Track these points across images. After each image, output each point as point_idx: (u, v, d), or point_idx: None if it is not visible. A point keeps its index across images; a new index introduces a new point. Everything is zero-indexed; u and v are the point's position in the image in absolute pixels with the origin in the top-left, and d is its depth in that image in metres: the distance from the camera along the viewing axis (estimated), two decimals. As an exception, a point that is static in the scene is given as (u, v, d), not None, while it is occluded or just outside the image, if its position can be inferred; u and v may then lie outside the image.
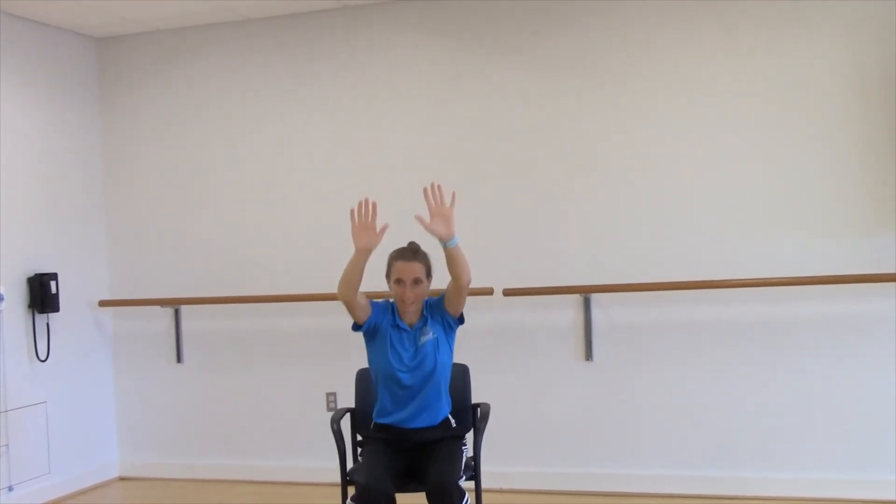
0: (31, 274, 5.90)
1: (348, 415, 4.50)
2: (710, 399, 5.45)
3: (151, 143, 6.50)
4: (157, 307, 6.44)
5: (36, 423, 5.90)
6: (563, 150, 5.68)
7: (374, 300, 4.17)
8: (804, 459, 5.31)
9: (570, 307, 5.68)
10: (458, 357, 4.24)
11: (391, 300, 4.16)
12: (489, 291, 5.61)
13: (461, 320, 4.15)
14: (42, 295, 5.88)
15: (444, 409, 4.13)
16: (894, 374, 5.16)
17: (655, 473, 5.55)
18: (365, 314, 4.06)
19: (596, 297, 5.63)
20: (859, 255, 5.19)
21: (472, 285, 5.59)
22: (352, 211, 3.92)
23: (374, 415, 4.14)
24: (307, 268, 6.14)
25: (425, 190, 3.92)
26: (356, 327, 4.10)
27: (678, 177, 5.49)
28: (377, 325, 4.08)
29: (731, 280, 5.31)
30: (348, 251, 5.79)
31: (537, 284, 5.64)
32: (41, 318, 5.95)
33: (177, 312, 6.43)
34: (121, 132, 6.57)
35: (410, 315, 4.10)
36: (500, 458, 5.58)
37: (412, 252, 4.07)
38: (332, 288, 5.88)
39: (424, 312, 4.10)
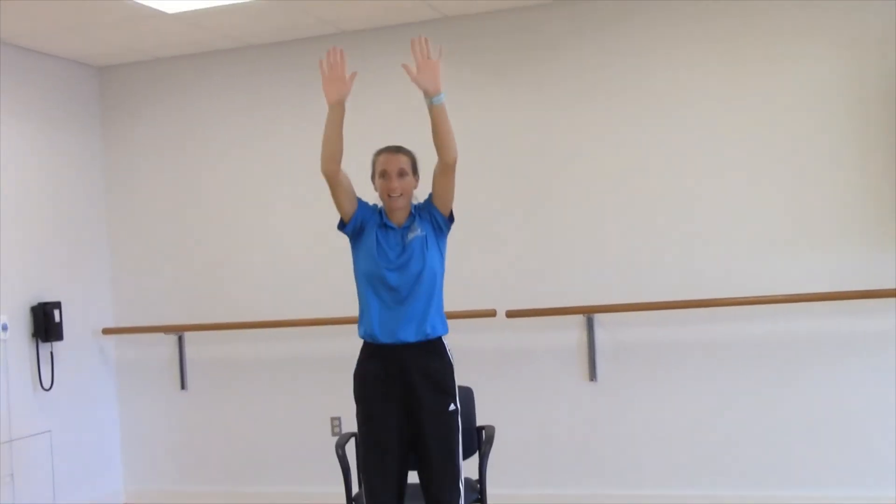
0: (35, 303, 5.91)
1: (353, 439, 4.49)
2: (713, 418, 5.44)
3: (153, 170, 6.53)
4: (161, 334, 6.44)
5: (40, 453, 5.89)
6: (564, 169, 5.69)
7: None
8: (808, 478, 5.29)
9: (573, 328, 5.67)
10: (462, 380, 4.21)
11: (379, 204, 4.01)
12: (492, 313, 5.61)
13: (451, 218, 3.96)
14: (46, 324, 5.88)
15: (436, 326, 3.88)
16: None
17: (660, 494, 5.52)
18: (351, 204, 3.94)
19: (599, 318, 5.62)
20: (862, 272, 5.18)
21: (474, 307, 5.62)
22: (320, 62, 3.80)
23: (360, 332, 3.90)
24: (310, 292, 6.14)
25: (412, 41, 3.83)
26: (342, 225, 3.97)
27: (680, 196, 5.49)
28: (364, 222, 3.93)
29: (733, 298, 5.30)
30: (350, 275, 5.78)
31: (540, 305, 5.63)
32: (45, 347, 5.95)
33: (180, 339, 6.43)
34: (123, 160, 6.59)
35: (398, 214, 3.91)
36: (506, 480, 5.55)
37: (396, 147, 3.98)
38: (335, 312, 5.97)
39: (413, 212, 3.94)
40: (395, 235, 3.88)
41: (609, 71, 5.61)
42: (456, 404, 3.84)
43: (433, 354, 3.85)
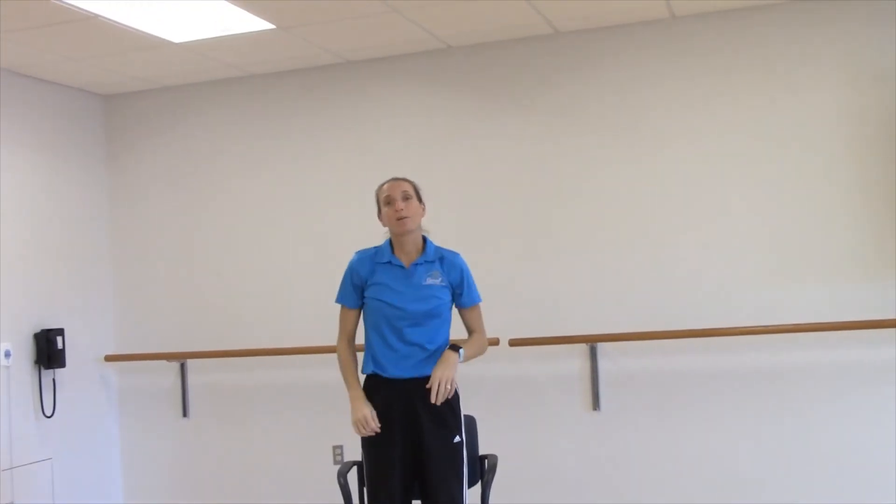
0: (38, 329, 5.91)
1: (355, 468, 4.47)
2: (717, 448, 5.42)
3: (157, 198, 6.55)
4: (163, 361, 6.44)
5: (42, 480, 5.87)
6: (567, 199, 5.71)
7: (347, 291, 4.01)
8: (815, 508, 5.27)
9: (576, 357, 5.67)
10: (465, 409, 4.19)
11: (376, 246, 3.99)
12: (495, 342, 5.60)
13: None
14: (48, 350, 5.88)
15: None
16: (903, 421, 5.14)
17: (665, 524, 5.51)
18: (359, 308, 3.96)
19: (602, 347, 5.62)
20: (872, 299, 5.16)
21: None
22: (360, 426, 3.80)
23: (364, 368, 3.91)
24: (312, 320, 6.13)
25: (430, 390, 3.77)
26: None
27: (683, 224, 5.50)
28: (363, 284, 3.91)
29: (737, 328, 5.30)
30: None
31: (543, 334, 5.63)
32: (47, 374, 5.95)
33: (182, 367, 6.43)
34: (127, 188, 6.62)
35: (407, 246, 3.89)
36: (509, 509, 5.54)
37: (397, 177, 3.97)
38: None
39: (434, 258, 3.91)
40: (403, 274, 3.88)
41: (611, 103, 5.63)
42: (461, 436, 3.84)
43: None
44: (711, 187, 5.46)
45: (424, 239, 3.97)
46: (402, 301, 3.81)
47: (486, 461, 4.36)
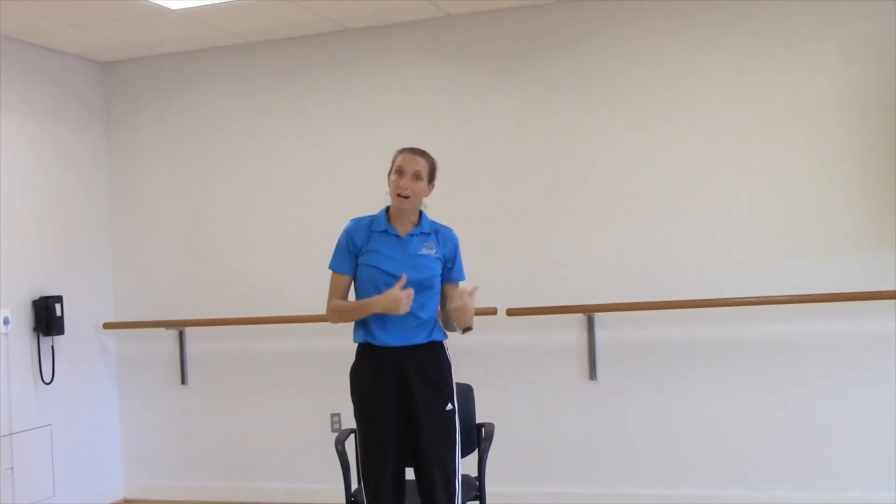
0: (37, 297, 5.92)
1: (353, 435, 4.49)
2: (713, 418, 5.45)
3: (156, 165, 6.54)
4: (162, 329, 6.45)
5: (41, 446, 5.90)
6: (566, 169, 5.71)
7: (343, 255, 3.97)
8: (808, 478, 5.30)
9: (573, 326, 5.68)
10: (462, 378, 4.22)
11: (372, 215, 3.97)
12: (493, 311, 5.62)
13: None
14: (47, 318, 5.90)
15: (434, 332, 3.87)
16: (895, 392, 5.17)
17: (659, 493, 5.54)
18: (350, 283, 3.95)
19: (599, 317, 5.64)
20: (861, 273, 5.19)
21: (475, 305, 5.62)
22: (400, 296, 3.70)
23: (355, 336, 3.90)
24: (311, 289, 6.12)
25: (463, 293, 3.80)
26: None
27: (680, 196, 5.51)
28: (357, 251, 3.90)
29: (734, 298, 5.31)
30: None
31: (541, 304, 5.64)
32: (46, 341, 5.97)
33: (181, 334, 6.44)
34: (126, 155, 6.61)
35: (403, 218, 3.89)
36: (505, 478, 5.56)
37: (420, 150, 3.91)
38: (336, 309, 5.96)
39: (430, 231, 3.92)
40: (397, 243, 3.87)
41: (611, 74, 5.61)
42: (453, 404, 3.84)
43: (430, 355, 3.85)
44: (710, 160, 5.45)
45: (420, 212, 3.96)
46: (396, 268, 3.80)
47: (483, 430, 4.38)
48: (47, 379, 5.95)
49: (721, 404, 5.44)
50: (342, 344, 6.18)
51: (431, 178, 3.92)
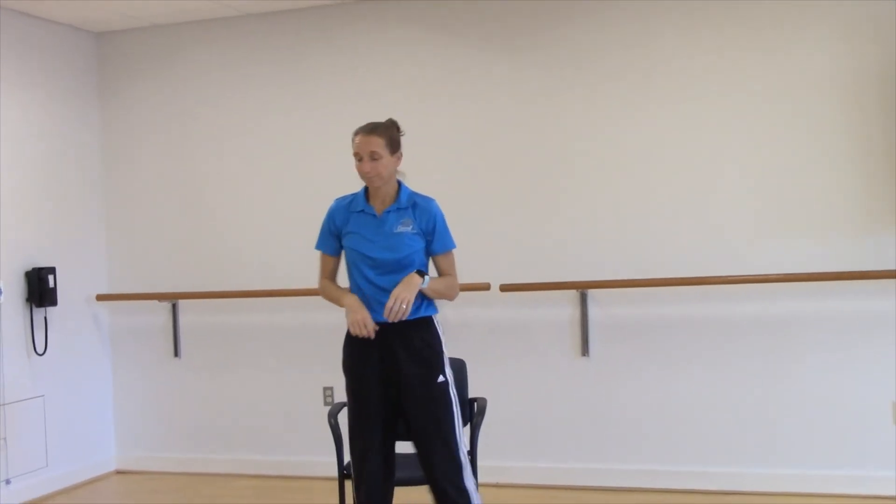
0: (30, 268, 5.91)
1: (345, 409, 4.51)
2: (706, 395, 5.48)
3: (150, 137, 6.52)
4: (155, 302, 6.45)
5: (33, 417, 5.91)
6: (561, 146, 5.70)
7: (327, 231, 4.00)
8: (802, 455, 5.33)
9: (566, 303, 5.70)
10: (455, 353, 4.22)
11: (354, 193, 3.96)
12: (486, 287, 5.63)
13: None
14: (40, 289, 5.89)
15: (419, 308, 3.81)
16: (892, 371, 5.18)
17: (651, 468, 5.57)
18: (338, 261, 3.99)
19: (593, 293, 5.65)
20: (857, 253, 5.20)
21: (468, 281, 5.64)
22: (360, 325, 3.75)
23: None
24: (304, 263, 6.12)
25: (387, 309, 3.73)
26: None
27: (676, 173, 5.51)
28: (339, 232, 3.92)
29: (728, 276, 5.32)
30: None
31: (534, 280, 5.65)
32: (39, 313, 5.96)
33: (174, 307, 6.44)
34: (119, 127, 6.58)
35: (379, 195, 3.85)
36: (497, 453, 5.59)
37: (370, 127, 3.84)
38: (330, 283, 5.98)
39: (407, 205, 3.84)
40: (374, 222, 3.84)
41: (605, 53, 5.60)
42: (445, 375, 3.83)
43: (418, 330, 3.82)
44: (706, 136, 5.45)
45: (399, 185, 3.91)
46: (372, 250, 3.80)
47: (476, 404, 4.39)
48: (40, 350, 5.96)
49: (713, 382, 5.46)
50: (335, 318, 6.18)
51: (394, 148, 3.84)
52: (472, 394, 4.50)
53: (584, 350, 5.65)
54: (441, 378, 3.82)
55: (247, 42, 6.28)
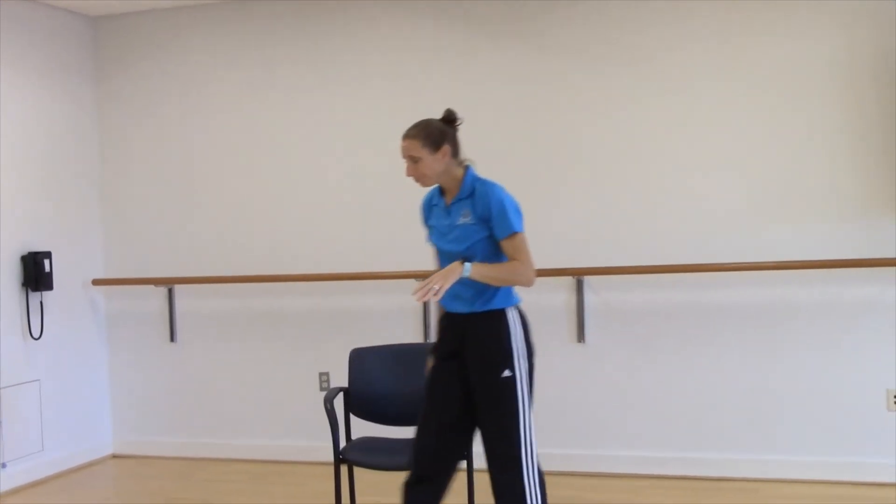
0: (25, 252, 5.91)
1: (341, 394, 4.52)
2: (701, 381, 5.49)
3: (146, 121, 6.50)
4: (151, 286, 6.45)
5: (29, 401, 5.92)
6: (556, 133, 5.69)
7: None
8: (797, 442, 5.35)
9: (562, 289, 5.70)
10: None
11: (438, 186, 3.94)
12: (482, 273, 5.62)
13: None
14: (36, 273, 5.89)
15: (490, 301, 3.77)
16: (888, 358, 5.20)
17: (646, 455, 5.59)
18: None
19: (589, 280, 5.65)
20: (853, 240, 5.21)
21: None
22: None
23: None
24: (301, 247, 6.15)
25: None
26: None
27: (672, 161, 5.51)
28: (426, 223, 3.97)
29: (723, 264, 5.33)
30: (340, 231, 5.84)
31: (530, 266, 5.64)
32: (35, 297, 5.96)
33: (170, 292, 6.44)
34: (116, 111, 6.57)
35: (449, 188, 3.86)
36: (492, 438, 5.60)
37: (408, 130, 3.81)
38: (326, 268, 5.99)
39: (467, 201, 3.82)
40: (441, 212, 3.86)
41: (600, 41, 5.59)
42: (512, 370, 3.71)
43: (486, 322, 3.77)
44: (703, 125, 5.45)
45: (465, 173, 3.88)
46: (444, 243, 3.81)
47: (472, 390, 4.39)
48: (36, 334, 5.95)
49: (708, 368, 5.48)
50: (333, 303, 6.21)
51: (435, 145, 3.79)
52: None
53: (580, 336, 5.66)
54: (507, 373, 3.72)
55: (243, 26, 6.26)
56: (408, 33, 5.95)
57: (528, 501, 3.71)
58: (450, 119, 3.88)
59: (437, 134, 3.81)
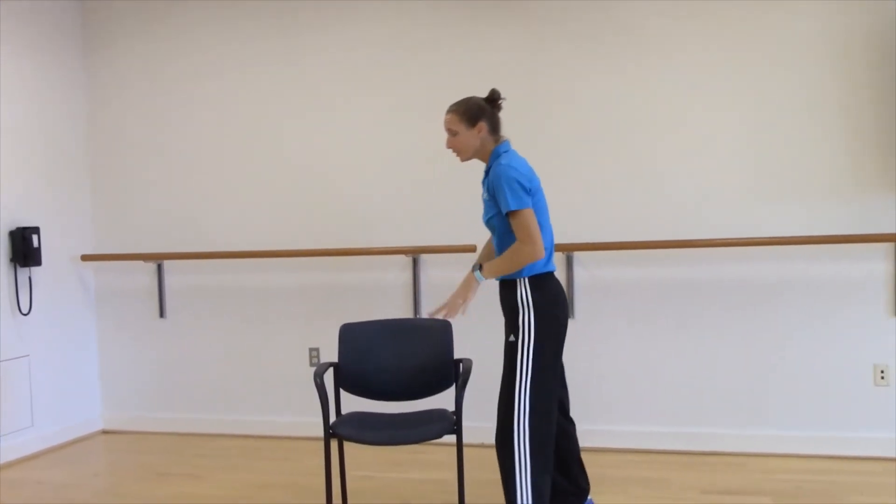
0: (14, 227, 5.89)
1: (331, 369, 4.53)
2: (691, 357, 5.52)
3: (135, 98, 6.47)
4: (140, 262, 6.44)
5: (19, 377, 5.91)
6: (546, 108, 5.68)
7: None
8: (782, 416, 5.39)
9: (552, 265, 5.70)
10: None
11: None
12: (472, 249, 5.63)
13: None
14: (24, 249, 5.87)
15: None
16: (875, 333, 5.23)
17: (633, 429, 5.62)
18: None
19: (578, 256, 5.66)
20: (843, 217, 5.23)
21: (454, 243, 5.64)
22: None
23: None
24: (290, 223, 6.14)
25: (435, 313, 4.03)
26: None
27: (663, 137, 5.51)
28: None
29: (713, 240, 5.34)
30: (330, 207, 5.83)
31: (520, 242, 5.64)
32: (23, 272, 5.94)
33: (160, 267, 6.43)
34: (104, 87, 6.53)
35: (485, 164, 4.03)
36: (482, 413, 5.61)
37: (450, 106, 4.00)
38: (316, 244, 5.99)
39: (486, 180, 3.97)
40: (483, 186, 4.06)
41: (591, 12, 5.57)
42: (516, 336, 3.86)
43: (506, 290, 3.97)
44: (694, 102, 5.45)
45: (492, 152, 3.99)
46: (483, 215, 4.03)
47: (461, 365, 4.42)
48: (25, 310, 5.94)
49: (698, 343, 5.50)
50: (322, 279, 6.21)
51: (472, 120, 3.95)
52: (457, 355, 4.52)
53: (570, 312, 5.67)
54: (512, 338, 3.90)
55: (233, 3, 6.22)
56: (396, 9, 5.92)
57: (517, 473, 3.78)
58: (492, 98, 4.02)
59: (476, 110, 3.97)
